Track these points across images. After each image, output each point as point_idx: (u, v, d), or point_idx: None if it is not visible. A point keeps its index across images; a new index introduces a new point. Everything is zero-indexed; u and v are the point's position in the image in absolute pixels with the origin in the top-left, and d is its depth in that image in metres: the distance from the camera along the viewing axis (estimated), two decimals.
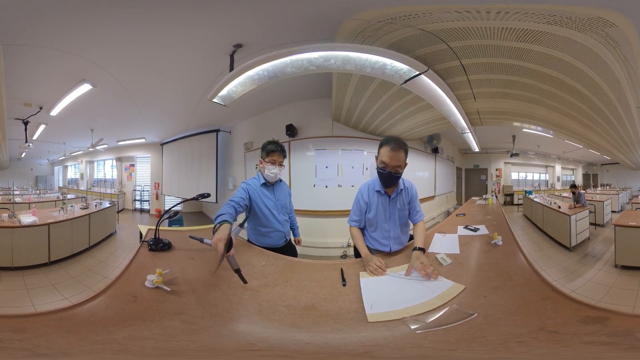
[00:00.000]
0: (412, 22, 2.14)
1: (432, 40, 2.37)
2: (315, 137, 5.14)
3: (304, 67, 2.52)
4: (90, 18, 2.51)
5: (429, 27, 2.21)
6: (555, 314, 1.11)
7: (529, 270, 1.50)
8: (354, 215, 2.10)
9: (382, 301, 1.26)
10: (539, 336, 0.99)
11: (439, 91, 2.98)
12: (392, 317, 1.15)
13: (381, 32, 2.31)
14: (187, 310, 1.23)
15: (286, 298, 1.34)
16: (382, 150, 1.85)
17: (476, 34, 2.23)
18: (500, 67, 2.78)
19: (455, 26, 2.15)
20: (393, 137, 1.86)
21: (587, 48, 2.19)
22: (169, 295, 1.32)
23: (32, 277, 3.74)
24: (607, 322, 1.02)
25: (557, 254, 4.74)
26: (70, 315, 1.16)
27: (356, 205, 2.09)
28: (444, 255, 1.69)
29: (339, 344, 1.05)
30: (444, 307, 1.20)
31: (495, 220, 2.72)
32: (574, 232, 4.99)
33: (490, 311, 1.15)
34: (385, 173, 1.85)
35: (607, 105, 3.21)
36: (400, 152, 1.80)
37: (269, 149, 2.29)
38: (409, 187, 2.09)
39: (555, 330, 1.01)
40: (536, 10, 1.87)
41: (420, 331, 1.05)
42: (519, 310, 1.15)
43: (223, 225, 1.52)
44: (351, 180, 5.16)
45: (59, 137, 6.98)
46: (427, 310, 1.18)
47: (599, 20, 1.86)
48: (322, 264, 1.74)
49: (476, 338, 1.00)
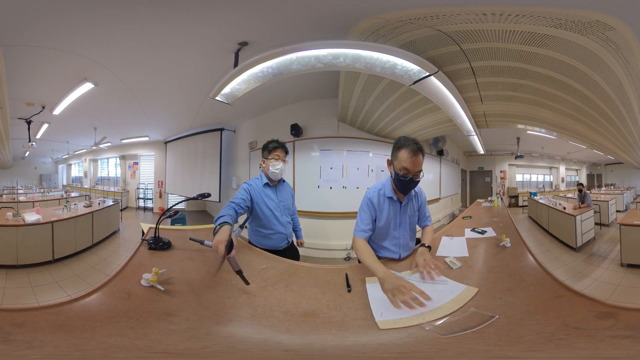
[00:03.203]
0: (431, 22, 2.11)
1: (443, 42, 2.35)
2: (320, 138, 5.10)
3: (310, 64, 2.47)
4: (91, 17, 2.50)
5: (445, 29, 2.19)
6: (573, 311, 1.12)
7: (540, 271, 1.50)
8: (362, 224, 1.83)
9: (392, 308, 1.22)
10: (570, 333, 1.00)
11: (448, 93, 2.95)
12: (406, 323, 1.11)
13: (397, 31, 2.27)
14: (176, 311, 1.21)
15: (284, 303, 1.29)
16: (401, 154, 1.67)
17: (487, 37, 2.22)
18: (508, 70, 2.78)
19: (469, 28, 2.13)
20: (410, 139, 1.68)
21: (589, 51, 2.19)
22: (162, 295, 1.32)
23: (37, 274, 3.78)
24: (618, 317, 1.05)
25: (563, 255, 4.77)
26: (66, 310, 1.17)
27: (365, 213, 1.84)
28: (454, 259, 1.67)
29: (341, 350, 1.03)
30: (461, 310, 1.18)
31: (502, 223, 2.71)
32: (580, 232, 5.01)
33: (511, 312, 1.15)
34: (407, 180, 1.68)
35: (610, 106, 3.22)
36: (420, 155, 1.65)
37: (271, 146, 2.27)
38: (419, 192, 2.00)
39: (578, 326, 1.03)
40: (541, 14, 1.87)
41: (447, 336, 1.03)
42: (537, 310, 1.15)
43: (223, 227, 1.50)
44: (356, 182, 5.12)
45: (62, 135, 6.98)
46: (445, 315, 1.15)
47: (598, 24, 1.87)
48: (325, 269, 1.67)
49: (515, 339, 0.99)
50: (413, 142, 1.66)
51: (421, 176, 1.71)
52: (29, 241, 4.01)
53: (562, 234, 5.38)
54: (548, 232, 5.94)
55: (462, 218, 3.01)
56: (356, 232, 1.83)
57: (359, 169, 5.18)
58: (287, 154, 2.31)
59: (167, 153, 7.80)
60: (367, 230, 1.81)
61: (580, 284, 3.57)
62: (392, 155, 1.76)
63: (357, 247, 1.75)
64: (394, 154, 1.73)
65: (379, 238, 1.89)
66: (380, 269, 1.44)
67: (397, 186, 1.78)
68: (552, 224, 5.87)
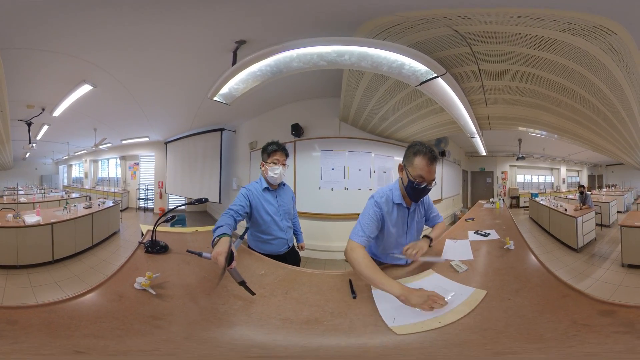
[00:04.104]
0: (449, 22, 2.09)
1: (454, 43, 2.32)
2: (321, 138, 5.05)
3: (313, 62, 2.36)
4: (87, 19, 2.48)
5: (462, 29, 2.16)
6: (579, 309, 1.17)
7: (544, 272, 1.54)
8: (365, 230, 1.63)
9: (403, 313, 1.18)
10: (580, 329, 1.04)
11: (453, 95, 2.91)
12: (423, 328, 1.10)
13: (409, 30, 2.22)
14: (165, 315, 1.20)
15: (283, 311, 1.25)
16: (417, 161, 1.60)
17: (498, 39, 2.21)
18: (514, 73, 2.78)
19: (483, 30, 2.12)
20: (425, 146, 1.62)
21: (591, 56, 2.21)
22: (152, 299, 1.31)
23: (37, 275, 3.79)
24: (617, 314, 1.11)
25: (564, 256, 4.80)
26: (59, 308, 1.19)
27: (371, 220, 1.67)
28: (459, 262, 1.66)
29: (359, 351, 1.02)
30: (473, 313, 1.18)
31: (504, 225, 2.73)
32: (581, 233, 5.04)
33: (522, 312, 1.18)
34: (421, 188, 1.63)
35: (611, 110, 3.24)
36: (436, 164, 1.62)
37: (270, 149, 2.17)
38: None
39: (586, 323, 1.07)
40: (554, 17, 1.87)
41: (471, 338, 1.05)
42: (546, 309, 1.19)
43: (222, 239, 1.46)
44: (358, 183, 5.07)
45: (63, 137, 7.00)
46: (459, 318, 1.15)
47: (602, 29, 1.89)
48: (327, 275, 1.62)
49: (536, 337, 1.03)
50: (430, 150, 1.60)
51: (434, 184, 1.66)
52: (29, 242, 4.02)
53: (563, 235, 5.40)
54: (549, 233, 5.95)
55: (465, 220, 3.01)
56: (355, 236, 1.62)
57: (361, 170, 5.13)
58: (287, 157, 2.22)
59: (167, 153, 7.79)
60: (368, 237, 1.63)
61: (582, 284, 3.59)
62: (406, 161, 1.68)
63: (356, 256, 1.49)
64: (409, 160, 1.65)
65: (386, 247, 1.82)
66: (395, 286, 1.30)
67: (408, 193, 1.70)
68: (553, 225, 5.89)
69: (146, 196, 8.16)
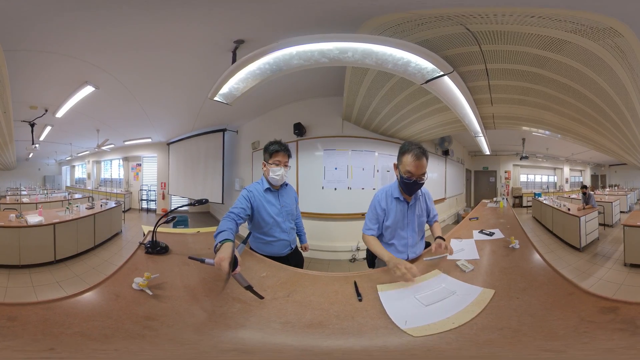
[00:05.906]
0: (461, 20, 2.06)
1: (463, 41, 2.29)
2: (324, 137, 5.00)
3: (314, 59, 2.29)
4: (89, 21, 2.48)
5: (473, 28, 2.14)
6: (585, 307, 1.19)
7: (550, 270, 1.56)
8: (369, 223, 2.00)
9: (414, 314, 1.18)
10: (589, 326, 1.06)
11: (459, 94, 2.88)
12: (438, 329, 1.08)
13: (419, 28, 2.19)
14: (159, 316, 1.18)
15: (284, 314, 1.21)
16: (404, 158, 1.80)
17: (508, 39, 2.20)
18: (521, 73, 2.78)
19: (494, 29, 2.10)
20: (414, 144, 1.81)
21: (597, 57, 2.22)
22: (149, 299, 1.30)
23: (39, 274, 3.82)
24: (618, 311, 1.13)
25: (567, 255, 4.82)
26: (56, 306, 1.20)
27: (372, 213, 1.99)
28: (465, 262, 1.65)
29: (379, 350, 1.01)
30: (484, 312, 1.18)
31: (508, 224, 2.72)
32: (584, 232, 5.06)
33: (532, 310, 1.19)
34: (411, 182, 1.81)
35: (614, 110, 3.25)
36: (423, 159, 1.78)
37: (271, 149, 2.10)
38: (425, 193, 2.09)
39: (592, 320, 1.10)
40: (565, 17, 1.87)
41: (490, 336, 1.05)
42: (554, 307, 1.21)
43: (225, 244, 1.43)
44: (361, 182, 5.03)
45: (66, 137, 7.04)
46: (471, 318, 1.14)
47: (611, 30, 1.90)
48: (331, 277, 1.58)
49: (550, 334, 1.04)
50: (417, 147, 1.79)
51: (425, 178, 1.83)
52: (31, 242, 4.05)
53: (566, 234, 5.41)
54: (552, 232, 5.96)
55: (469, 219, 2.99)
56: (365, 229, 2.02)
57: (364, 170, 5.09)
58: (289, 157, 2.16)
59: (169, 154, 7.80)
60: (374, 229, 1.98)
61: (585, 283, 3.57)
62: (397, 160, 1.88)
63: (366, 241, 1.98)
64: (399, 159, 1.86)
65: (387, 237, 2.00)
66: (385, 253, 1.73)
67: (402, 188, 1.92)
68: (556, 225, 5.90)
69: (149, 197, 8.18)
